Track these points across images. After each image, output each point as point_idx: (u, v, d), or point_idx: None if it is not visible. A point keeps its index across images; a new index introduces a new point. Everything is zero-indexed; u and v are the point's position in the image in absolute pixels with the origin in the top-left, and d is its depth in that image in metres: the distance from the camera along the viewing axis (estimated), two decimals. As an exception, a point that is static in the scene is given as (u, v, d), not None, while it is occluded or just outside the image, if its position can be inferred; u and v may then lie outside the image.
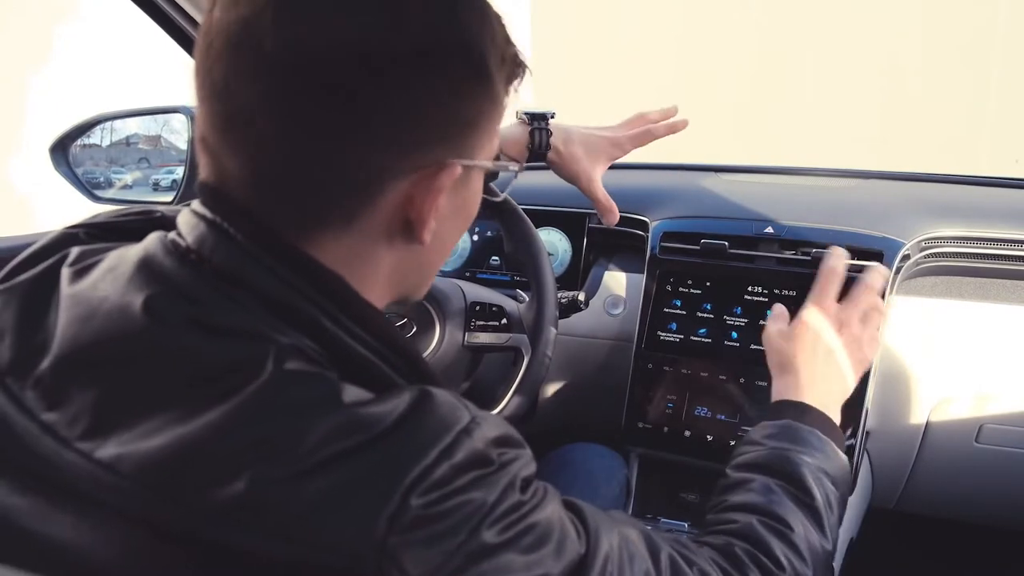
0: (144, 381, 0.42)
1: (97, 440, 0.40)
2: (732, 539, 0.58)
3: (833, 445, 0.68)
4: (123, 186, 1.53)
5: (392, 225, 0.48)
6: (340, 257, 0.47)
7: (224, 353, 0.42)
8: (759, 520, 0.60)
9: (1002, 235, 1.07)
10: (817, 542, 0.61)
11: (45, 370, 0.43)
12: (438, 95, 0.45)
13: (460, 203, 0.52)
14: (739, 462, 0.67)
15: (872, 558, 1.20)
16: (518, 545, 0.42)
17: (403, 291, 0.55)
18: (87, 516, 0.40)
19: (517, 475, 0.44)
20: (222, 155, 0.45)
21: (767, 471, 0.64)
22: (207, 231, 0.45)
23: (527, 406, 0.90)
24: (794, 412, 0.70)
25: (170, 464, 0.39)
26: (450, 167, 0.47)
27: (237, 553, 0.38)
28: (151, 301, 0.43)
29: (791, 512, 0.61)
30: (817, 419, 0.70)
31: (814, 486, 0.63)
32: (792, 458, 0.65)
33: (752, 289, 1.08)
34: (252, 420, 0.40)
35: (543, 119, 0.94)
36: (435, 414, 0.42)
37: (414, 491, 0.39)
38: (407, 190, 0.47)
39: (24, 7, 4.18)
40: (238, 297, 0.44)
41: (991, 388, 1.04)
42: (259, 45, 0.42)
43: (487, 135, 0.51)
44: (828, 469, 0.65)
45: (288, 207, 0.46)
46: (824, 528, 0.62)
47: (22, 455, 0.42)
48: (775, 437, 0.67)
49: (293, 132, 0.44)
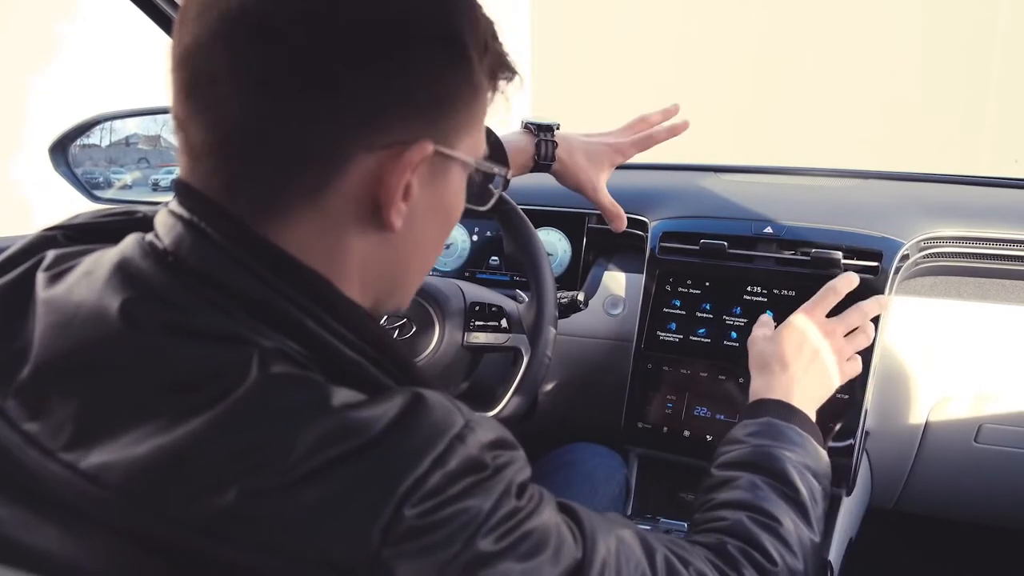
0: (125, 389, 0.41)
1: (81, 450, 0.39)
2: (724, 536, 0.59)
3: (813, 441, 0.70)
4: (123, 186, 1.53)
5: (361, 207, 0.46)
6: (309, 241, 0.45)
7: (206, 358, 0.40)
8: (748, 516, 0.61)
9: (1001, 235, 1.07)
10: (805, 535, 0.62)
11: (25, 379, 0.42)
12: (407, 67, 0.44)
13: (438, 199, 0.50)
14: (723, 461, 0.68)
15: (872, 558, 1.20)
16: (515, 553, 0.41)
17: (378, 293, 0.52)
18: (72, 528, 0.39)
19: (512, 480, 0.43)
20: (189, 129, 0.44)
21: (752, 468, 0.66)
22: (184, 232, 0.44)
23: (527, 406, 0.90)
24: (774, 410, 0.72)
25: (155, 475, 0.38)
26: (420, 145, 0.45)
27: (225, 566, 0.37)
28: (127, 305, 0.42)
29: (778, 507, 0.62)
30: (796, 416, 0.71)
31: (798, 481, 0.64)
32: (775, 454, 0.66)
33: (751, 289, 1.08)
34: (238, 428, 0.39)
35: (549, 131, 0.94)
36: (428, 419, 0.41)
37: (407, 501, 0.38)
38: (374, 169, 0.45)
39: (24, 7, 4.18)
40: (218, 299, 0.43)
41: (990, 388, 1.04)
42: (227, 7, 0.42)
43: (467, 126, 0.50)
44: (810, 464, 0.67)
45: (254, 181, 0.44)
46: (811, 521, 0.63)
47: (6, 466, 0.41)
48: (757, 435, 0.69)
49: (253, 94, 0.43)
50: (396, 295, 0.54)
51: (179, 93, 0.45)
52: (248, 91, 0.43)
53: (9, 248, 0.50)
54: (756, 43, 5.06)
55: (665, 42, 5.26)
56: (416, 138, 0.45)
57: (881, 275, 1.02)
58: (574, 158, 0.95)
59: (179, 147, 0.46)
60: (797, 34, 4.97)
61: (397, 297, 0.54)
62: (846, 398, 0.99)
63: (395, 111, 0.45)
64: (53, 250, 0.49)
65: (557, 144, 0.94)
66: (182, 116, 0.45)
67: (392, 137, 0.45)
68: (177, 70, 0.44)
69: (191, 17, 0.44)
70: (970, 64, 4.65)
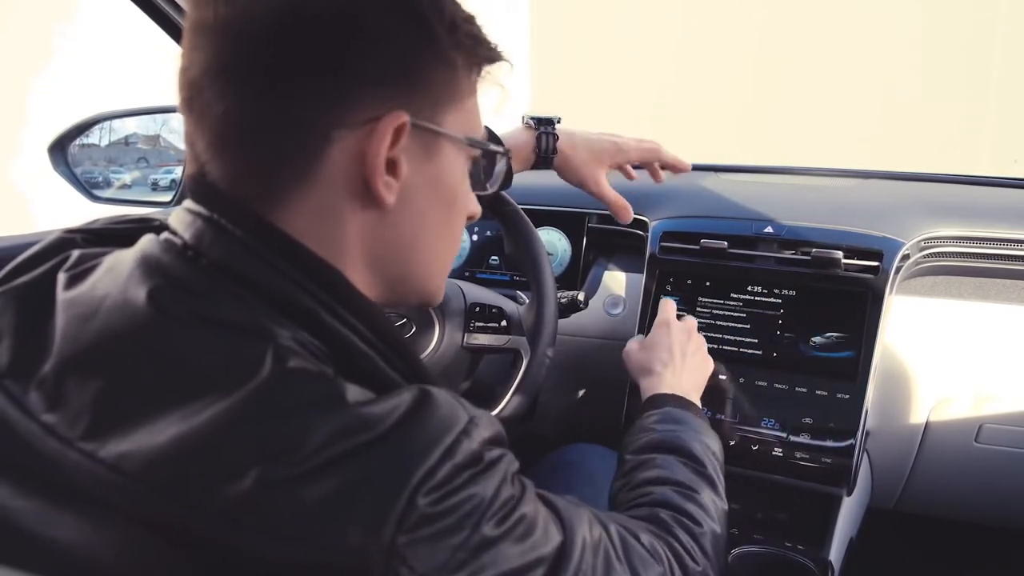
0: (147, 377, 0.42)
1: (100, 439, 0.40)
2: (655, 508, 0.65)
3: (706, 424, 0.80)
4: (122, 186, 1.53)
5: (350, 185, 0.48)
6: (310, 227, 0.48)
7: (224, 348, 0.42)
8: (672, 489, 0.67)
9: (1001, 235, 1.07)
10: (719, 504, 0.70)
11: (47, 372, 0.43)
12: (367, 46, 0.47)
13: (432, 176, 0.52)
14: (636, 446, 0.75)
15: (872, 558, 1.20)
16: (513, 535, 0.44)
17: (390, 278, 0.53)
18: (90, 517, 0.40)
19: (508, 471, 0.46)
20: (195, 138, 0.48)
21: (663, 449, 0.73)
22: (204, 227, 0.46)
23: (526, 406, 0.90)
24: (669, 401, 0.81)
25: (172, 463, 0.39)
26: (392, 116, 0.47)
27: (241, 554, 0.38)
28: (156, 293, 0.43)
29: (693, 480, 0.69)
30: (689, 405, 0.82)
31: (704, 458, 0.73)
32: (681, 436, 0.74)
33: (752, 289, 1.08)
34: (253, 418, 0.40)
35: (550, 124, 0.95)
36: (436, 415, 0.43)
37: (420, 491, 0.40)
38: (354, 145, 0.47)
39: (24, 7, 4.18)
40: (239, 291, 0.44)
41: (990, 388, 1.04)
42: (203, 20, 0.47)
43: (448, 103, 0.52)
44: (710, 444, 0.76)
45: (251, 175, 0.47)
46: (718, 491, 0.71)
47: (24, 457, 0.41)
48: (661, 422, 0.77)
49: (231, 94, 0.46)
50: (412, 282, 0.56)
51: (183, 109, 0.48)
52: (225, 91, 0.46)
53: (30, 248, 0.52)
54: (756, 43, 5.05)
55: (665, 42, 5.26)
56: (390, 111, 0.48)
57: (881, 275, 1.02)
58: (577, 152, 0.95)
59: (188, 155, 0.50)
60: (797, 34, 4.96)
61: (414, 283, 0.56)
62: (846, 398, 0.99)
63: (365, 89, 0.47)
64: (76, 250, 0.50)
65: (558, 137, 0.94)
66: (188, 128, 0.49)
67: (367, 113, 0.47)
68: (180, 90, 0.48)
69: (185, 38, 0.48)
70: (970, 64, 4.65)
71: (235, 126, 0.46)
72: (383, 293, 0.54)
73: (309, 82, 0.46)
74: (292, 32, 0.46)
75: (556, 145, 0.94)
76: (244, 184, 0.47)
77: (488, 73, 0.55)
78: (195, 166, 0.49)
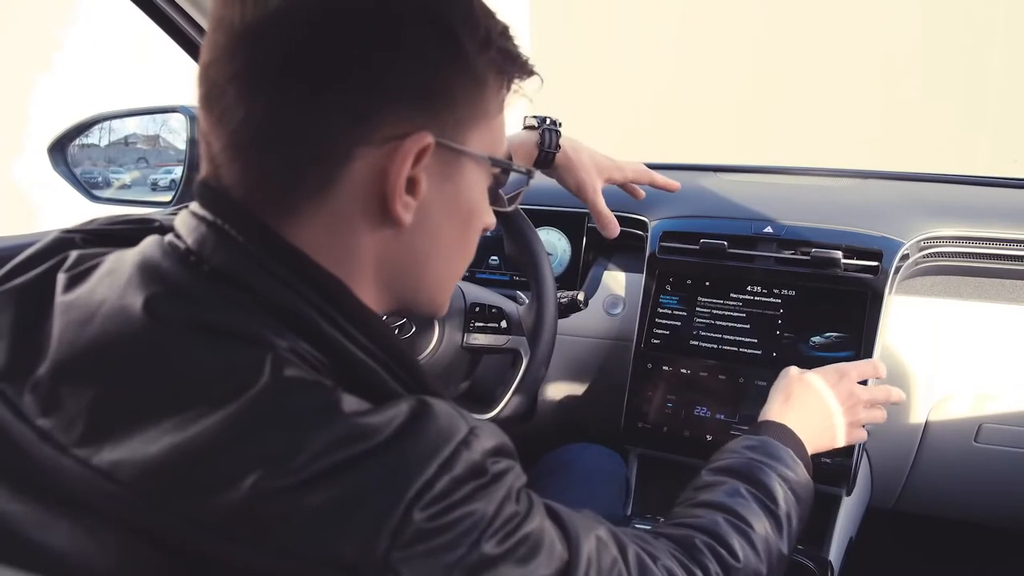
0: (143, 384, 0.41)
1: (94, 446, 0.40)
2: (693, 531, 0.62)
3: (804, 469, 0.73)
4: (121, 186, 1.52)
5: (368, 202, 0.47)
6: (321, 240, 0.46)
7: (222, 356, 0.41)
8: (724, 517, 0.64)
9: (1001, 235, 1.07)
10: (775, 545, 0.65)
11: (42, 375, 0.42)
12: (397, 61, 0.45)
13: (451, 195, 0.51)
14: (715, 466, 0.72)
15: (872, 558, 1.20)
16: (514, 556, 0.42)
17: (400, 293, 0.52)
18: (83, 523, 0.40)
19: (512, 486, 0.45)
20: (210, 138, 0.47)
21: (739, 476, 0.69)
22: (208, 232, 0.45)
23: (526, 406, 0.90)
24: (776, 431, 0.76)
25: (167, 472, 0.38)
26: (417, 136, 0.46)
27: (234, 564, 0.38)
28: (152, 301, 0.42)
29: (754, 514, 0.65)
30: (794, 443, 0.75)
31: (780, 495, 0.68)
32: (764, 468, 0.69)
33: (751, 289, 1.08)
34: (250, 428, 0.39)
35: (552, 122, 0.95)
36: (434, 425, 0.42)
37: (416, 505, 0.39)
38: (377, 163, 0.46)
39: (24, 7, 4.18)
40: (239, 299, 0.43)
41: (990, 388, 1.04)
42: (228, 19, 0.45)
43: (474, 121, 0.50)
44: (795, 488, 0.70)
45: (266, 184, 0.46)
46: (783, 534, 0.66)
47: (19, 461, 0.41)
48: (753, 449, 0.72)
49: (253, 99, 0.44)
50: (423, 295, 0.54)
51: (201, 106, 0.47)
52: (248, 97, 0.44)
53: (28, 248, 0.51)
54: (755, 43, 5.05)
55: (665, 41, 5.26)
56: (416, 131, 0.46)
57: (881, 275, 1.02)
58: (580, 155, 0.96)
59: (203, 155, 0.48)
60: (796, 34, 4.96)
61: (424, 296, 0.54)
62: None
63: (391, 105, 0.46)
64: (75, 251, 0.50)
65: (560, 134, 0.95)
66: (204, 127, 0.47)
67: (392, 131, 0.46)
68: (198, 85, 0.47)
69: (208, 35, 0.46)
70: (969, 64, 4.65)
71: (255, 133, 0.45)
72: (390, 305, 0.53)
73: (337, 95, 0.45)
74: (324, 41, 0.44)
75: (559, 143, 0.95)
76: (257, 192, 0.46)
77: (519, 88, 0.54)
78: (210, 168, 0.47)
